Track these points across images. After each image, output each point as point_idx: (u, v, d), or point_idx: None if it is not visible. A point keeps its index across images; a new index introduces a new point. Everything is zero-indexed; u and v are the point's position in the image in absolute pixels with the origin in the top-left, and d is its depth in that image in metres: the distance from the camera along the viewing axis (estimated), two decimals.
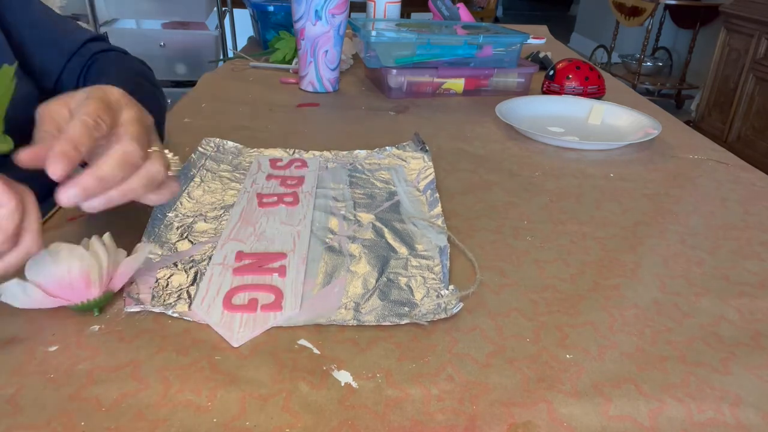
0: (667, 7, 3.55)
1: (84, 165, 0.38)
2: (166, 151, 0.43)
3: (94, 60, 0.67)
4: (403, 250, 0.50)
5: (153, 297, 0.43)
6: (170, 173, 0.42)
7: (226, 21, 2.98)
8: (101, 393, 0.34)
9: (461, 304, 0.43)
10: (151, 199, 0.41)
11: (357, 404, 0.34)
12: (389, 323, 0.41)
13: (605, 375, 0.37)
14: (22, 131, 0.54)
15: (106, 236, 0.43)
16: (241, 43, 1.84)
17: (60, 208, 0.55)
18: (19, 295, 0.38)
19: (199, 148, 0.70)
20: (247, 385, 0.35)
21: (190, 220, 0.54)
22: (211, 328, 0.40)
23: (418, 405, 0.34)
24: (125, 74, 0.63)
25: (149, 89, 0.63)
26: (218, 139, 0.72)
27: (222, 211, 0.56)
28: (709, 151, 0.80)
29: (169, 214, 0.55)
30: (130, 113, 0.40)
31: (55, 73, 0.65)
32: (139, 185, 0.39)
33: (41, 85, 0.63)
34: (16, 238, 0.35)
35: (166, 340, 0.39)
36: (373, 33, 0.97)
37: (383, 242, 0.52)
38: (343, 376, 0.36)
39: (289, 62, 1.16)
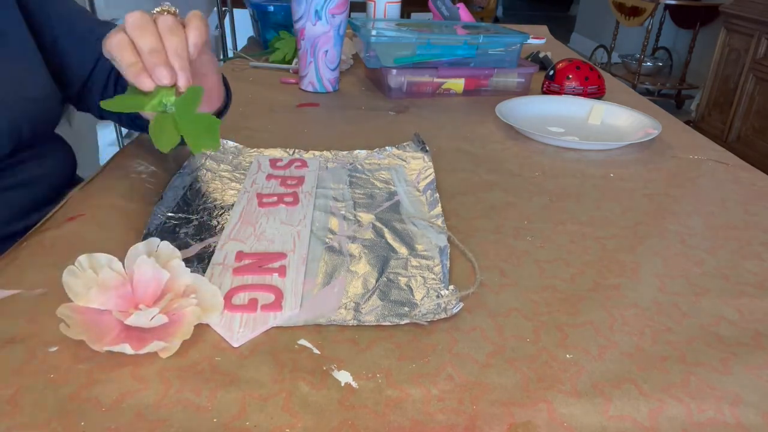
0: (667, 7, 3.55)
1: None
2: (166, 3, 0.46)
3: None
4: (403, 250, 0.50)
5: None
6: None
7: (226, 21, 2.97)
8: (101, 393, 0.34)
9: (461, 304, 0.43)
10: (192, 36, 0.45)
11: (357, 404, 0.34)
12: (389, 323, 0.41)
13: (605, 375, 0.37)
14: (44, 128, 0.63)
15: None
16: (241, 43, 1.84)
17: (60, 208, 0.55)
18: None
19: None
20: (247, 385, 0.35)
21: (190, 219, 0.54)
22: (211, 328, 0.40)
23: (418, 405, 0.34)
24: None
25: None
26: None
27: (222, 211, 0.56)
28: (709, 151, 0.80)
29: (169, 214, 0.55)
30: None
31: (87, 70, 0.67)
32: (174, 41, 0.43)
33: (72, 81, 0.64)
34: None
35: None
36: (373, 33, 0.97)
37: (383, 242, 0.52)
38: (343, 376, 0.36)
39: (289, 62, 1.16)
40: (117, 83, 0.67)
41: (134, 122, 0.67)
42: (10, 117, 0.55)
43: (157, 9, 0.45)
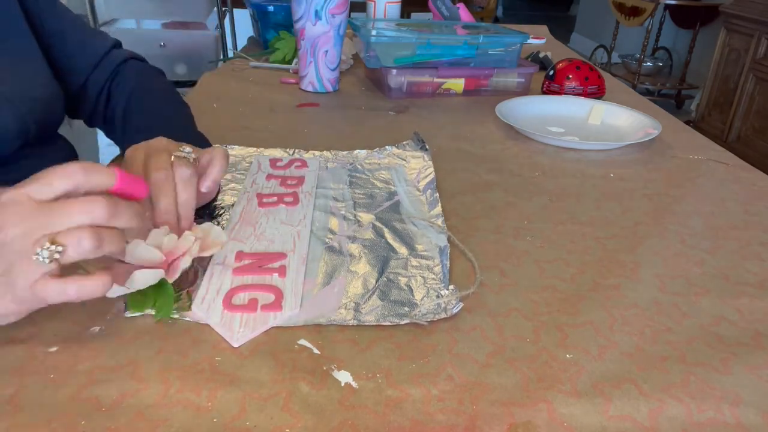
0: (667, 7, 3.55)
1: None
2: (186, 148, 0.48)
3: (117, 72, 0.70)
4: (403, 250, 0.50)
5: None
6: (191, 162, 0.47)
7: (226, 21, 2.97)
8: (101, 393, 0.34)
9: (461, 304, 0.43)
10: (207, 185, 0.48)
11: (357, 404, 0.34)
12: (389, 323, 0.41)
13: (605, 375, 0.37)
14: (49, 128, 0.64)
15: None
16: (241, 43, 1.84)
17: None
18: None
19: None
20: (247, 385, 0.35)
21: None
22: (211, 328, 0.40)
23: (418, 405, 0.34)
24: (154, 117, 0.65)
25: (178, 118, 0.66)
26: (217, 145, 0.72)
27: (222, 211, 0.56)
28: (709, 151, 0.80)
29: None
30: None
31: (79, 81, 0.68)
32: (187, 194, 0.45)
33: (64, 91, 0.65)
34: None
35: (167, 340, 0.39)
36: (373, 33, 0.97)
37: (383, 242, 0.51)
38: (343, 376, 0.36)
39: (289, 62, 1.16)
40: (109, 97, 0.68)
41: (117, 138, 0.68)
42: (19, 116, 0.56)
43: (178, 152, 0.46)
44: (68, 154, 0.68)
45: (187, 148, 0.47)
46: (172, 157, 0.46)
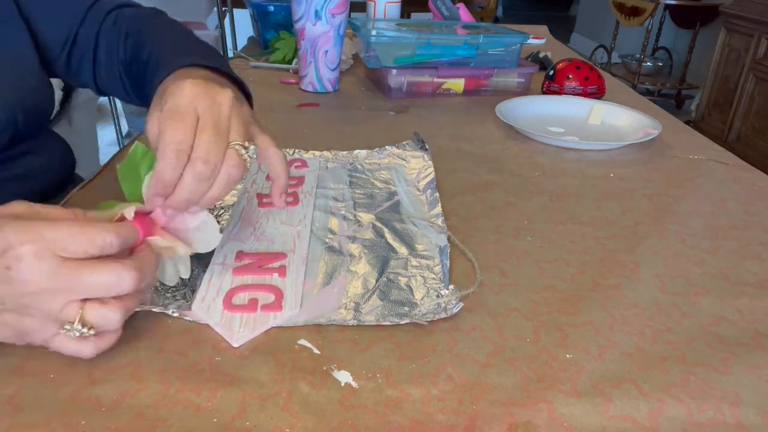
0: (667, 7, 3.55)
1: None
2: (250, 147, 0.43)
3: (114, 20, 0.64)
4: (403, 250, 0.50)
5: (152, 297, 0.43)
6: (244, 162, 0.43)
7: (226, 21, 2.97)
8: (101, 393, 0.34)
9: (461, 304, 0.43)
10: (281, 204, 0.48)
11: (357, 404, 0.34)
12: (389, 323, 0.41)
13: (605, 375, 0.37)
14: (38, 119, 0.62)
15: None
16: (241, 43, 1.84)
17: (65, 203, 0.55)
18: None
19: None
20: (247, 385, 0.35)
21: None
22: (211, 328, 0.40)
23: (418, 405, 0.34)
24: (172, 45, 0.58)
25: (190, 42, 0.60)
26: None
27: (222, 211, 0.56)
28: (709, 151, 0.80)
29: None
30: (204, 118, 0.41)
31: (67, 39, 0.63)
32: (219, 193, 0.42)
33: (49, 51, 0.62)
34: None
35: (167, 340, 0.39)
36: (373, 33, 0.97)
37: (383, 242, 0.51)
38: (343, 376, 0.36)
39: (289, 62, 1.16)
40: (108, 50, 0.63)
41: (135, 95, 0.64)
42: (5, 105, 0.55)
43: (238, 147, 0.41)
44: (63, 150, 0.67)
45: (251, 148, 0.43)
46: (229, 145, 0.41)
